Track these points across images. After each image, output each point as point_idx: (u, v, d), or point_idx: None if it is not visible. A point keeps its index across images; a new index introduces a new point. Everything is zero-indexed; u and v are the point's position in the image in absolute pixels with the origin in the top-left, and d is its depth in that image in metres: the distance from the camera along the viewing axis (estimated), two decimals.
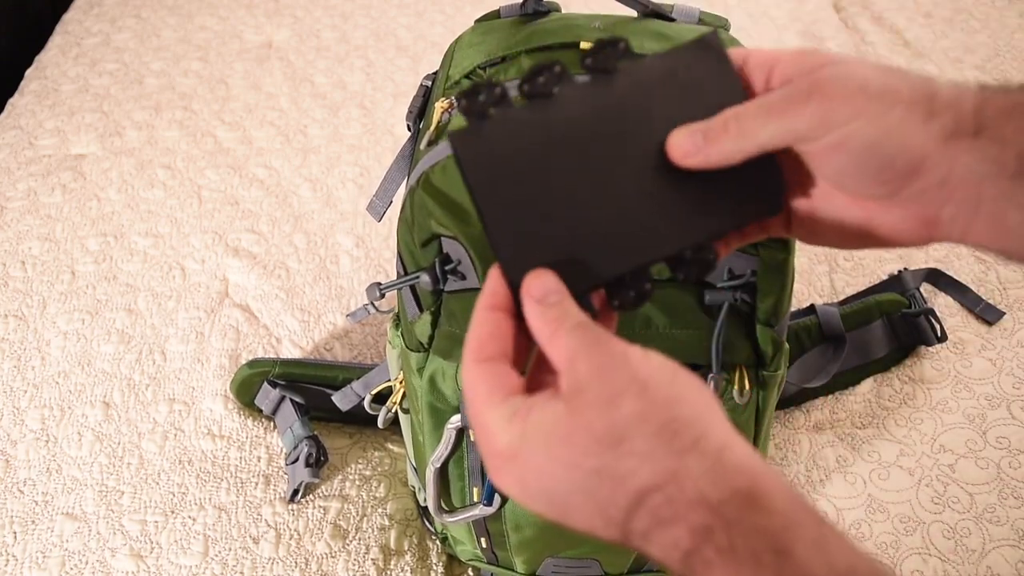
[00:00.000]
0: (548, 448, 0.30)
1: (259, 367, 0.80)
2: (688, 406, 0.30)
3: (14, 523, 0.73)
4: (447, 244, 0.50)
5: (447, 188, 0.48)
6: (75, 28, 1.38)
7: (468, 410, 0.34)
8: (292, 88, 1.23)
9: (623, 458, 0.29)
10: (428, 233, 0.50)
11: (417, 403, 0.58)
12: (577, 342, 0.31)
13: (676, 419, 0.29)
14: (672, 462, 0.29)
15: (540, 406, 0.31)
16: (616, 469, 0.29)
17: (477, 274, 0.50)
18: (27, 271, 0.95)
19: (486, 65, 0.52)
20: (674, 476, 0.29)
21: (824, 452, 0.76)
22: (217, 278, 0.95)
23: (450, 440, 0.57)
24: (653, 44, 0.52)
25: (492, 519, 0.59)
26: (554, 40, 0.52)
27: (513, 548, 0.61)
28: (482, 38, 0.56)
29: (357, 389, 0.71)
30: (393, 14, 1.38)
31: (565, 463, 0.30)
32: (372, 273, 0.95)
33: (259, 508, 0.73)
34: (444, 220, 0.48)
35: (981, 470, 0.73)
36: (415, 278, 0.51)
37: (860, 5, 1.36)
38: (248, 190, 1.06)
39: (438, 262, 0.50)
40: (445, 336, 0.53)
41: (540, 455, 0.30)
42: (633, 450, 0.29)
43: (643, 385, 0.30)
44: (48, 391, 0.83)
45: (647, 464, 0.29)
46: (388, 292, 0.53)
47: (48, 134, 1.16)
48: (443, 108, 0.51)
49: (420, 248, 0.51)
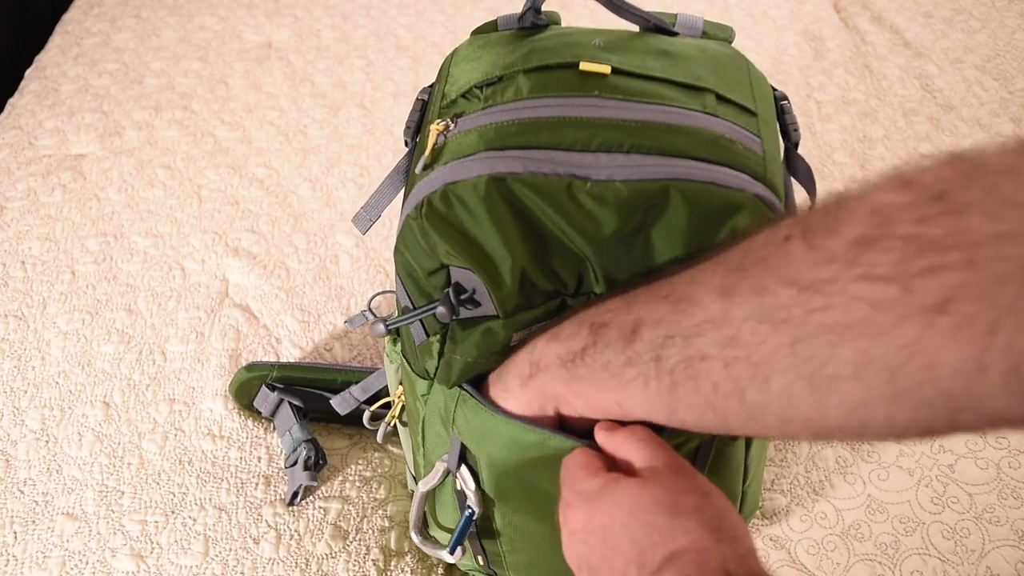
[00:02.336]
0: (620, 501, 0.40)
1: (257, 370, 0.80)
2: (731, 519, 0.39)
3: (14, 523, 0.73)
4: (456, 272, 0.48)
5: (451, 217, 0.46)
6: (75, 28, 1.38)
7: (566, 461, 0.46)
8: (292, 88, 1.23)
9: (673, 525, 0.37)
10: (436, 263, 0.48)
11: (417, 426, 0.58)
12: (654, 448, 0.43)
13: (722, 523, 0.38)
14: (709, 542, 0.37)
15: (620, 476, 0.42)
16: (665, 529, 0.37)
17: (493, 302, 0.48)
18: (27, 271, 0.95)
19: (483, 84, 0.50)
20: (708, 550, 0.36)
21: (824, 452, 0.76)
22: (217, 278, 0.95)
23: (437, 474, 0.57)
24: (655, 63, 0.50)
25: (488, 540, 0.59)
26: (553, 59, 0.50)
27: (510, 568, 0.61)
28: (479, 52, 0.54)
29: (356, 394, 0.71)
30: (393, 14, 1.38)
31: (629, 511, 0.39)
32: (372, 273, 0.95)
33: (259, 508, 0.73)
34: (453, 251, 0.46)
35: (981, 470, 0.73)
36: (430, 310, 0.49)
37: (860, 5, 1.36)
38: (248, 190, 1.06)
39: (452, 292, 0.48)
40: (447, 364, 0.52)
41: (611, 502, 0.40)
42: (683, 524, 0.37)
43: (705, 493, 0.40)
44: (48, 391, 0.83)
45: (689, 535, 0.37)
46: (395, 325, 0.52)
47: (48, 134, 1.16)
48: (438, 130, 0.49)
49: (426, 277, 0.49)
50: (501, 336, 0.49)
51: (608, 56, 0.50)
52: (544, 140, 0.45)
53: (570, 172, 0.44)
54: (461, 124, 0.49)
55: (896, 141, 1.10)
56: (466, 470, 0.54)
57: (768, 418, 0.35)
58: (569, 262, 0.48)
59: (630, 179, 0.44)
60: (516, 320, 0.49)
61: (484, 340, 0.49)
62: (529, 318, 0.49)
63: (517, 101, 0.48)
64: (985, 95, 1.16)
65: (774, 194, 0.46)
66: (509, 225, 0.45)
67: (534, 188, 0.44)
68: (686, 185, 0.44)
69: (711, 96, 0.49)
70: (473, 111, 0.49)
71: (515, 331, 0.49)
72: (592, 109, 0.46)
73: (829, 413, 0.32)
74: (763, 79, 0.55)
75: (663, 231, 0.45)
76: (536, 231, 0.46)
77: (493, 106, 0.48)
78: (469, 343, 0.50)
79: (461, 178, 0.45)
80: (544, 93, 0.48)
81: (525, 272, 0.47)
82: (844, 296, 0.30)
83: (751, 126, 0.49)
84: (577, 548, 0.41)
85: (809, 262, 0.32)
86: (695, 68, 0.51)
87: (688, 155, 0.45)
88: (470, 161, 0.45)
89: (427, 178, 0.47)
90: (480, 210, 0.45)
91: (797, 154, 0.54)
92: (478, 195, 0.45)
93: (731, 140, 0.46)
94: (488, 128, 0.47)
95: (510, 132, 0.46)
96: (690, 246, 0.45)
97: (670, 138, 0.45)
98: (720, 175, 0.44)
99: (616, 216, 0.44)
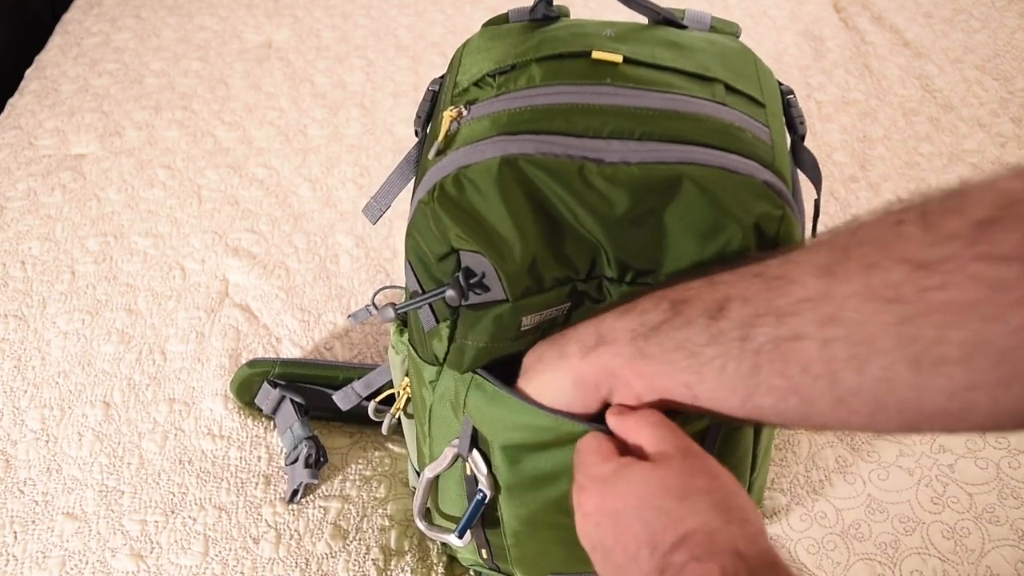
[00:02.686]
0: (631, 484, 0.40)
1: (259, 367, 0.80)
2: (741, 499, 0.39)
3: (14, 523, 0.73)
4: (467, 257, 0.48)
5: (463, 201, 0.46)
6: (75, 28, 1.38)
7: (579, 445, 0.46)
8: (292, 88, 1.23)
9: (683, 508, 0.38)
10: (447, 247, 0.48)
11: (424, 415, 0.58)
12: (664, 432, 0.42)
13: (731, 504, 0.38)
14: (719, 523, 0.37)
15: (632, 461, 0.42)
16: (675, 512, 0.38)
17: (502, 286, 0.48)
18: (27, 271, 0.96)
19: (495, 73, 0.51)
20: (717, 531, 0.37)
21: (824, 452, 0.76)
22: (217, 278, 0.95)
23: (446, 459, 0.56)
24: (665, 53, 0.51)
25: (492, 532, 0.59)
26: (565, 49, 0.51)
27: (514, 561, 0.61)
28: (491, 43, 0.55)
29: (358, 389, 0.71)
30: (393, 14, 1.38)
31: (639, 494, 0.39)
32: (372, 272, 0.95)
33: (259, 508, 0.73)
34: (464, 235, 0.47)
35: (981, 470, 0.73)
36: (440, 294, 0.49)
37: (860, 5, 1.36)
38: (248, 190, 1.06)
39: (461, 276, 0.48)
40: (458, 349, 0.52)
41: (623, 485, 0.40)
42: (692, 506, 0.38)
43: (715, 475, 0.40)
44: (48, 391, 0.83)
45: (699, 517, 0.37)
46: (405, 308, 0.52)
47: (48, 134, 1.16)
48: (451, 117, 0.50)
49: (437, 262, 0.49)
50: (510, 320, 0.49)
51: (619, 46, 0.51)
52: (557, 126, 0.46)
53: (582, 155, 0.45)
54: (474, 111, 0.49)
55: (896, 141, 1.10)
56: (478, 454, 0.55)
57: (858, 403, 0.34)
58: (581, 246, 0.48)
59: (643, 162, 0.44)
60: (525, 304, 0.49)
61: (495, 325, 0.50)
62: (538, 302, 0.49)
63: (530, 88, 0.48)
64: (985, 95, 1.16)
65: (783, 182, 0.46)
66: (521, 207, 0.46)
67: (546, 169, 0.45)
68: (698, 170, 0.44)
69: (720, 86, 0.50)
70: (486, 98, 0.50)
71: (524, 315, 0.50)
72: (604, 97, 0.47)
73: (929, 397, 0.32)
74: (770, 73, 0.55)
75: (676, 214, 0.46)
76: (548, 214, 0.47)
77: (506, 93, 0.49)
78: (480, 328, 0.50)
79: (474, 161, 0.45)
80: (556, 81, 0.49)
81: (536, 256, 0.47)
82: (962, 275, 0.30)
83: (759, 116, 0.49)
84: (590, 530, 0.42)
85: (926, 241, 0.31)
86: (704, 59, 0.51)
87: (699, 142, 0.45)
88: (483, 144, 0.46)
89: (439, 163, 0.47)
90: (492, 192, 0.45)
91: (804, 147, 0.55)
92: (490, 177, 0.45)
93: (740, 128, 0.47)
94: (501, 114, 0.47)
95: (523, 118, 0.47)
96: (705, 230, 0.46)
97: (681, 125, 0.46)
98: (731, 162, 0.45)
99: (628, 196, 0.45)
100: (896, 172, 1.05)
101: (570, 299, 0.50)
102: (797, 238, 0.47)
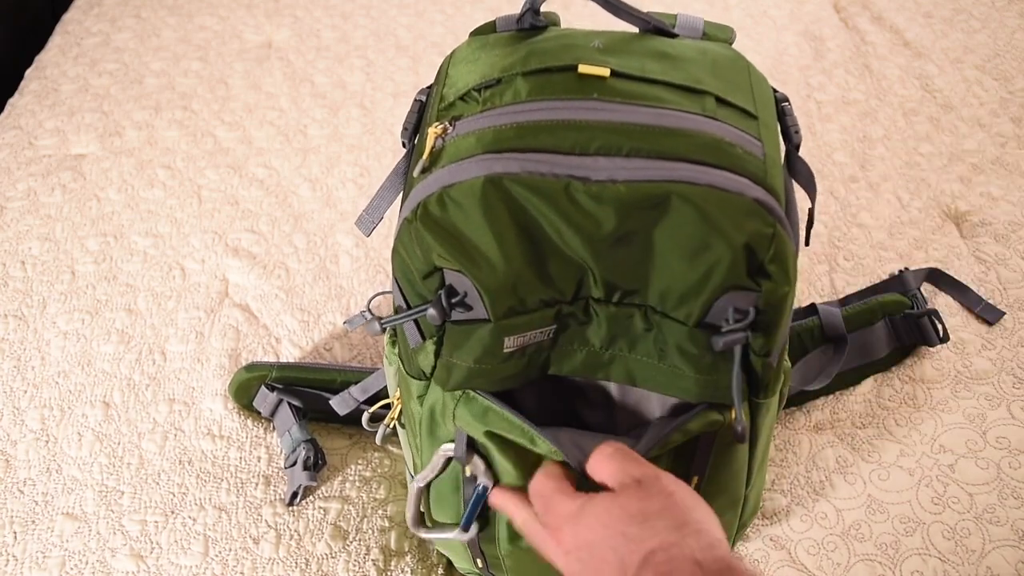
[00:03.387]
0: (597, 517, 0.44)
1: (257, 371, 0.80)
2: (698, 512, 0.43)
3: (14, 523, 0.73)
4: (450, 275, 0.48)
5: (446, 222, 0.46)
6: (75, 28, 1.38)
7: (538, 488, 0.49)
8: (292, 88, 1.23)
9: (644, 530, 0.42)
10: (430, 266, 0.48)
11: (415, 427, 0.57)
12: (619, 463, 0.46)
13: (687, 518, 0.42)
14: (675, 538, 0.41)
15: (594, 495, 0.46)
16: (637, 535, 0.42)
17: (484, 305, 0.48)
18: (27, 271, 0.95)
19: (481, 87, 0.50)
20: (675, 544, 0.40)
21: (824, 452, 0.76)
22: (217, 278, 0.95)
23: (438, 465, 0.56)
24: (654, 65, 0.50)
25: (486, 542, 0.59)
26: (552, 62, 0.50)
27: (509, 570, 0.61)
28: (478, 54, 0.54)
29: (355, 394, 0.71)
30: (393, 14, 1.38)
31: (605, 526, 0.43)
32: (372, 273, 0.95)
33: (259, 508, 0.73)
34: (446, 254, 0.46)
35: (981, 470, 0.73)
36: (422, 311, 0.49)
37: (860, 5, 1.36)
38: (248, 190, 1.06)
39: (443, 294, 0.48)
40: (444, 366, 0.52)
41: (592, 519, 0.44)
42: (652, 527, 0.42)
43: (669, 493, 0.44)
44: (48, 391, 0.83)
45: (659, 536, 0.41)
46: (389, 324, 0.52)
47: (48, 134, 1.16)
48: (436, 133, 0.49)
49: (422, 280, 0.49)
50: (492, 341, 0.49)
51: (607, 58, 0.50)
52: (542, 143, 0.45)
53: (568, 173, 0.44)
54: (459, 127, 0.48)
55: (896, 141, 1.10)
56: (476, 455, 0.54)
57: None
58: (567, 267, 0.47)
59: (630, 180, 0.44)
60: (507, 324, 0.49)
61: (478, 345, 0.49)
62: (522, 323, 0.49)
63: (515, 104, 0.48)
64: (985, 95, 1.16)
65: (774, 198, 0.46)
66: (504, 226, 0.45)
67: (532, 188, 0.44)
68: (687, 188, 0.43)
69: (711, 99, 0.49)
70: (471, 114, 0.49)
71: (507, 335, 0.49)
72: (591, 112, 0.46)
73: None
74: (764, 81, 0.54)
75: (664, 233, 0.45)
76: (533, 235, 0.46)
77: (491, 109, 0.48)
78: (465, 348, 0.50)
79: (458, 180, 0.45)
80: (542, 96, 0.48)
81: (520, 276, 0.47)
82: None
83: (751, 129, 0.49)
84: (573, 567, 0.45)
85: None
86: (695, 70, 0.51)
87: (688, 159, 0.45)
88: (467, 163, 0.45)
89: (424, 181, 0.47)
90: (475, 211, 0.45)
91: (798, 156, 0.54)
92: (474, 196, 0.45)
93: (731, 144, 0.46)
94: (486, 131, 0.47)
95: (508, 135, 0.46)
96: (693, 248, 0.45)
97: (669, 141, 0.45)
98: (720, 179, 0.44)
99: (615, 215, 0.44)
100: (896, 172, 1.05)
101: (556, 322, 0.50)
102: (788, 255, 0.46)
